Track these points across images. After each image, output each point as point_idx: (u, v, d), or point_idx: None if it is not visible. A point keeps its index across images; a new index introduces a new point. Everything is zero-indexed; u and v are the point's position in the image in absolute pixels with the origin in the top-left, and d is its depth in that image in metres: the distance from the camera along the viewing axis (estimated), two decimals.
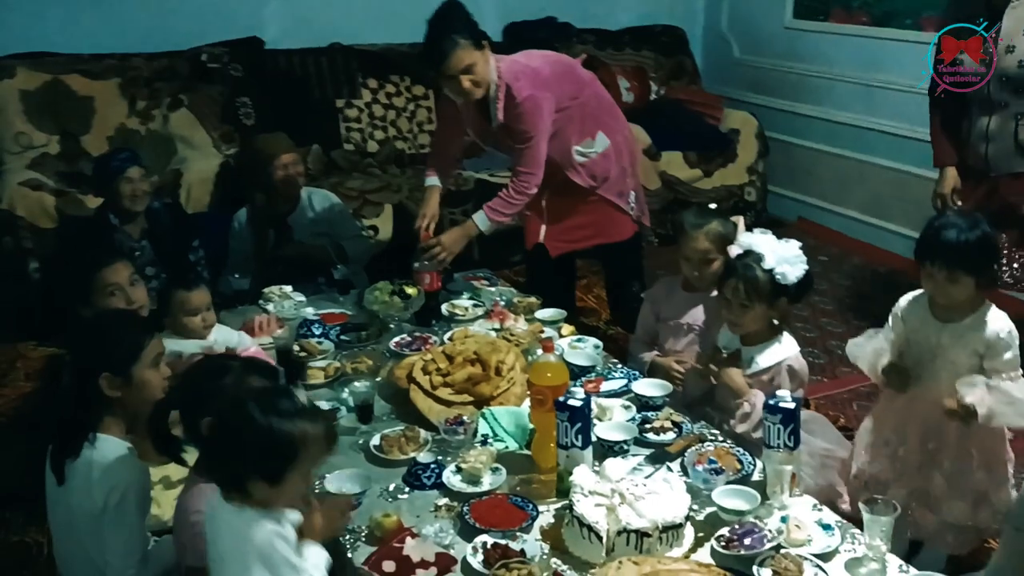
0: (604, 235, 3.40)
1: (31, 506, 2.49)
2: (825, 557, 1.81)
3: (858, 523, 1.89)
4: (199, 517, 1.78)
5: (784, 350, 2.45)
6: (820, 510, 1.98)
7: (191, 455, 2.23)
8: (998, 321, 2.25)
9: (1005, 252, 3.12)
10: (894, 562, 1.80)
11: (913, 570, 1.80)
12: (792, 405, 2.00)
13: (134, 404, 1.99)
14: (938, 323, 2.31)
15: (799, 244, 2.44)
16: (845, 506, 2.40)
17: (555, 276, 3.51)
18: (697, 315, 2.72)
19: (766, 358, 2.43)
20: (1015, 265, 3.14)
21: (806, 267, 2.42)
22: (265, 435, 1.54)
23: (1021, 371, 2.27)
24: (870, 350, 2.44)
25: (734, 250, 2.49)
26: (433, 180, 3.35)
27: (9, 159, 4.16)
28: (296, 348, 2.77)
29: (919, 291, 2.38)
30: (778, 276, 2.38)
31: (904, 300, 2.42)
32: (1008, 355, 2.24)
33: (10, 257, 3.86)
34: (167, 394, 1.94)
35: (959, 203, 3.18)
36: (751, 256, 2.41)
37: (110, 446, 1.95)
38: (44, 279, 3.78)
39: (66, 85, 4.36)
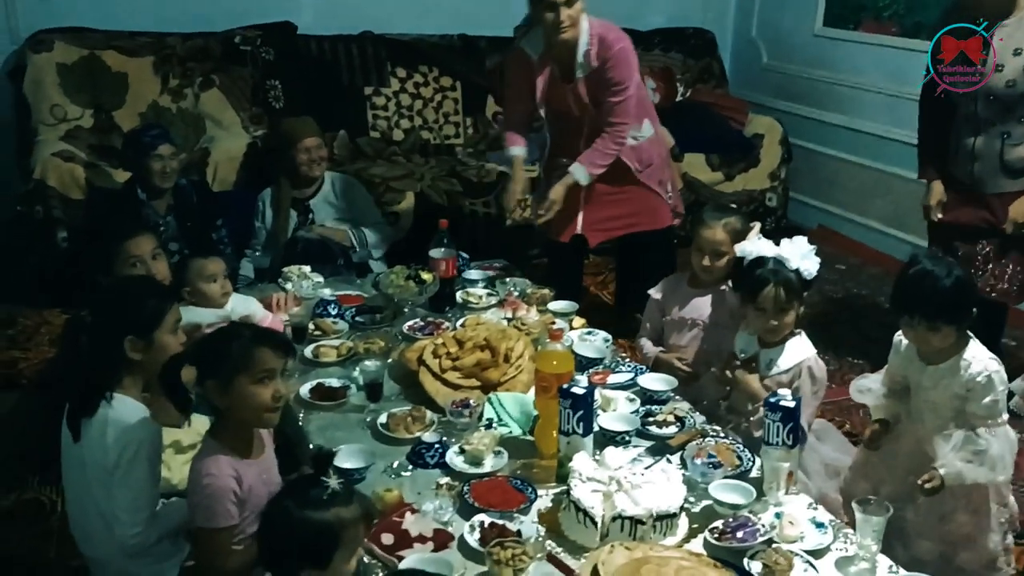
0: (643, 223, 3.45)
1: (47, 465, 2.57)
2: (816, 554, 1.83)
3: None
4: (211, 480, 1.84)
5: (803, 350, 2.47)
6: (815, 508, 2.00)
7: (203, 422, 2.30)
8: (979, 364, 2.19)
9: (980, 262, 3.16)
10: (884, 562, 1.82)
11: (903, 571, 1.82)
12: (792, 404, 2.02)
13: (152, 367, 2.06)
14: (921, 364, 2.29)
15: (804, 238, 2.47)
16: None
17: (578, 270, 3.56)
18: (700, 310, 2.76)
19: (786, 359, 2.45)
20: (998, 272, 3.16)
21: (818, 257, 2.47)
22: (304, 527, 1.59)
23: (1006, 415, 2.23)
24: (871, 383, 2.44)
25: (745, 248, 2.51)
26: (518, 150, 3.41)
27: (43, 130, 4.24)
28: (311, 327, 2.83)
29: None
30: (805, 273, 2.42)
31: (899, 335, 2.38)
32: (986, 400, 2.18)
33: (40, 226, 3.95)
34: (183, 350, 2.01)
35: (939, 215, 3.24)
36: (772, 261, 2.43)
37: (126, 406, 2.01)
38: (71, 247, 3.87)
39: (102, 61, 4.44)
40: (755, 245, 2.51)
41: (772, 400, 2.05)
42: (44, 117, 4.30)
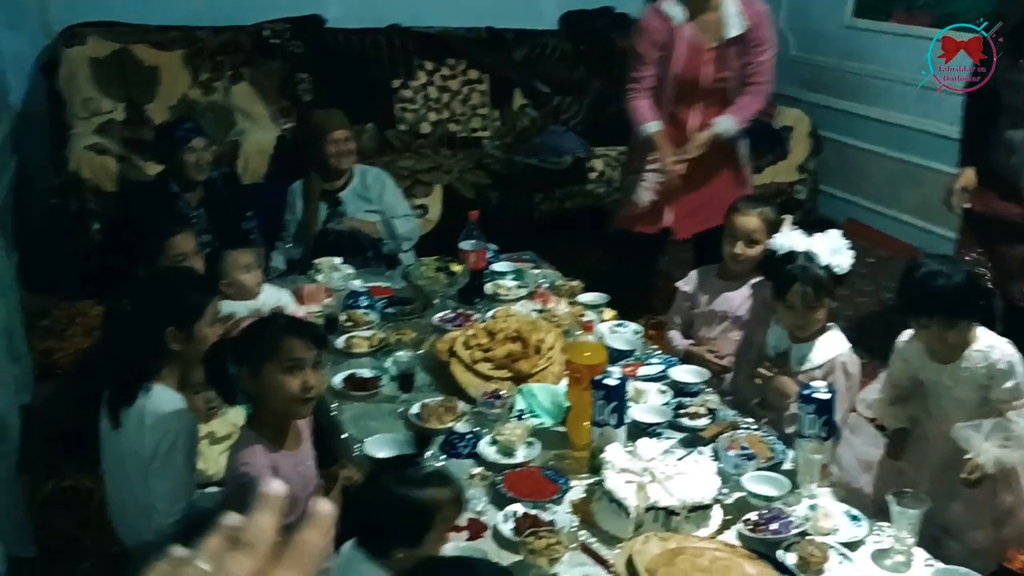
0: None
1: (84, 453, 2.60)
2: (851, 547, 1.83)
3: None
4: (247, 468, 1.87)
5: (835, 346, 2.45)
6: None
7: (237, 414, 2.33)
8: (995, 352, 2.19)
9: (1017, 266, 3.10)
10: (920, 555, 1.81)
11: (938, 563, 1.81)
12: (827, 396, 2.02)
13: (191, 358, 2.09)
14: (936, 365, 2.27)
15: (838, 232, 2.45)
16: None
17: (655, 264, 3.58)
18: (731, 303, 2.75)
19: (818, 355, 2.43)
20: None
21: (852, 251, 2.44)
22: (402, 504, 1.63)
23: None
24: (873, 399, 2.43)
25: (776, 242, 2.50)
26: (656, 125, 3.42)
27: (77, 123, 4.28)
28: (343, 318, 2.85)
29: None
30: (836, 269, 2.40)
31: (901, 340, 2.37)
32: (1009, 384, 2.18)
33: (74, 218, 4.00)
34: (223, 339, 2.04)
35: (966, 205, 3.17)
36: (802, 256, 2.41)
37: (164, 396, 2.04)
38: (106, 240, 3.91)
39: (133, 54, 4.48)
40: (787, 238, 2.49)
41: (806, 392, 2.05)
42: (77, 111, 4.34)
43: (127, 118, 4.43)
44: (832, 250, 2.40)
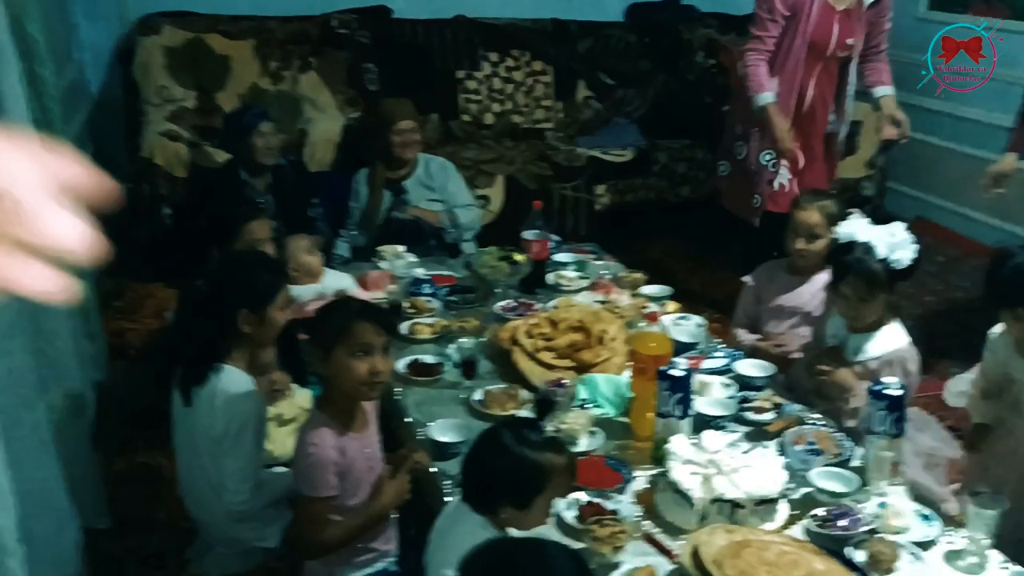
0: None
1: (155, 432, 2.68)
2: (923, 546, 1.79)
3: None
4: (315, 450, 1.90)
5: (895, 339, 2.39)
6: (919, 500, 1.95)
7: (303, 397, 2.37)
8: None
9: None
10: (996, 557, 1.77)
11: (1015, 567, 1.76)
12: (899, 392, 1.98)
13: (260, 341, 2.13)
14: (1023, 360, 2.20)
15: (903, 225, 2.38)
16: (949, 506, 2.35)
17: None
18: (799, 298, 2.71)
19: (876, 346, 2.38)
20: None
21: (916, 245, 2.36)
22: (517, 464, 1.65)
23: None
24: (964, 386, 2.37)
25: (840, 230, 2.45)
26: (771, 96, 3.39)
27: (151, 111, 4.39)
28: (406, 304, 2.88)
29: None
30: (893, 264, 2.33)
31: (993, 333, 2.30)
32: None
33: (146, 202, 4.10)
34: (299, 320, 2.08)
35: (1000, 191, 3.10)
36: (860, 248, 2.36)
37: (234, 378, 2.08)
38: (176, 224, 4.00)
39: (206, 44, 4.57)
40: (851, 226, 2.43)
41: (877, 388, 2.01)
42: (151, 98, 4.44)
43: (198, 106, 4.52)
44: (891, 245, 2.34)
